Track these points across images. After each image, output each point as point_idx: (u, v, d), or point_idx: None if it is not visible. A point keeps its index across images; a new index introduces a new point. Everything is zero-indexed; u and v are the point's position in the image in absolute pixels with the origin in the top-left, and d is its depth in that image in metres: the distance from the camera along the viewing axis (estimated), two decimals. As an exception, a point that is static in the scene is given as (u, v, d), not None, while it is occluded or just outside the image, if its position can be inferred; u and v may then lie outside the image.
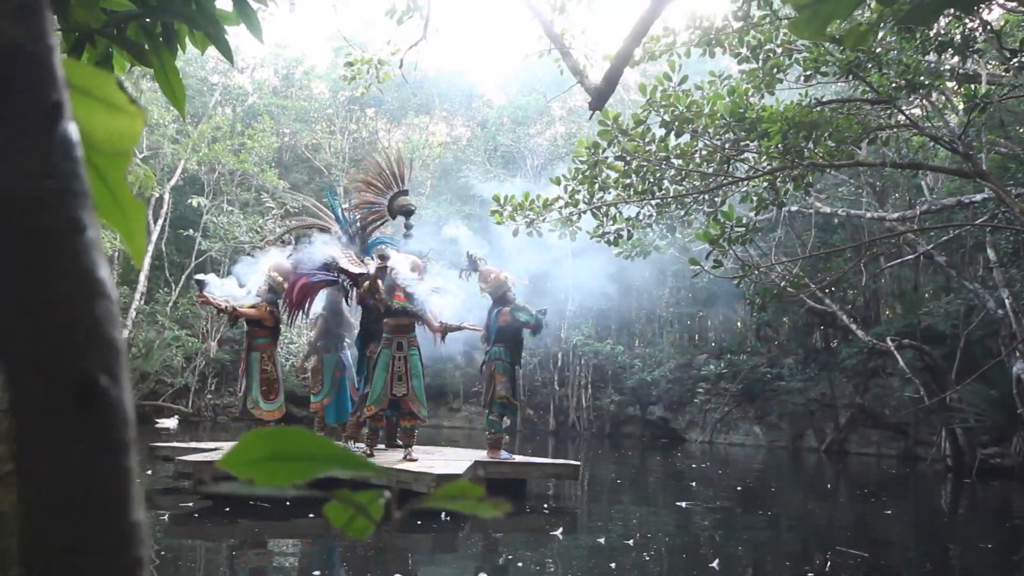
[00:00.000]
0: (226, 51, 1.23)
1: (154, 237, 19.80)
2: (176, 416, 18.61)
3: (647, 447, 17.62)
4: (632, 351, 21.28)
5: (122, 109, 0.32)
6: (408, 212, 8.30)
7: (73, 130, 0.25)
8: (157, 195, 19.59)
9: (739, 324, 21.29)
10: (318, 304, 9.28)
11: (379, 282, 7.23)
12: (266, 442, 0.34)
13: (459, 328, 7.69)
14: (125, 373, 0.24)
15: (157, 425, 17.08)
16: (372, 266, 7.46)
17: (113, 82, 0.32)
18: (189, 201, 20.10)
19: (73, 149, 0.25)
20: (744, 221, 6.26)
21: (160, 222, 20.05)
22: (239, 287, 8.48)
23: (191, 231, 20.04)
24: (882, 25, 5.41)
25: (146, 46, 1.15)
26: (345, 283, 8.49)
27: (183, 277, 20.60)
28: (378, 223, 8.77)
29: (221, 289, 8.31)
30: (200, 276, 8.46)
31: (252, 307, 8.14)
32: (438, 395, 20.80)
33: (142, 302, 19.38)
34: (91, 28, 1.07)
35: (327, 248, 8.34)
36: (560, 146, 22.41)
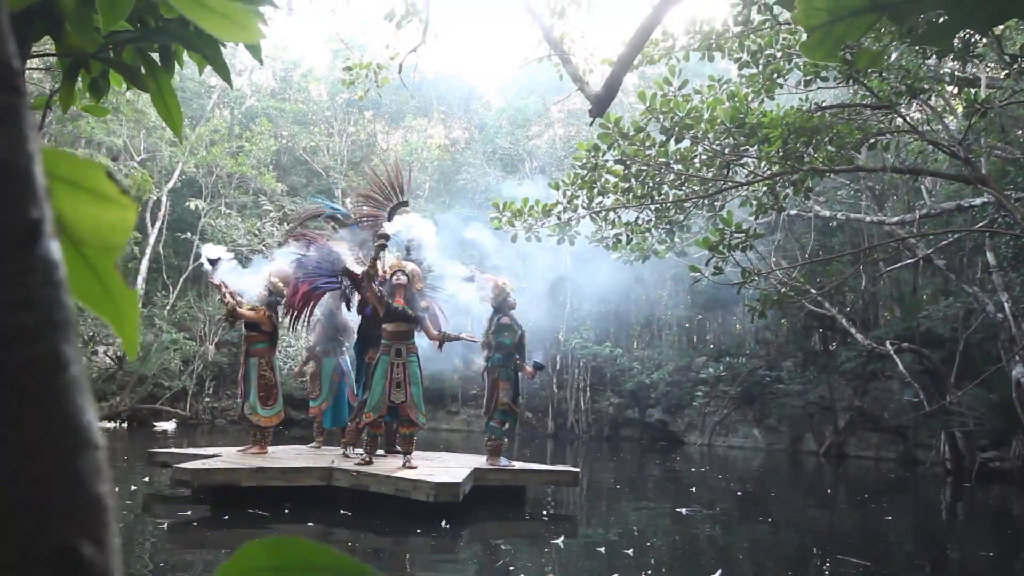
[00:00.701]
0: (224, 73, 1.20)
1: (152, 240, 19.76)
2: (174, 419, 18.57)
3: (646, 450, 17.59)
4: (631, 354, 21.27)
5: (112, 200, 0.29)
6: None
7: (55, 249, 0.23)
8: (155, 198, 19.56)
9: (738, 327, 21.27)
10: (318, 309, 9.23)
11: (378, 264, 7.14)
12: (267, 553, 0.32)
13: (458, 338, 7.65)
14: (113, 534, 0.22)
15: (155, 428, 17.04)
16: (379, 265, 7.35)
17: (102, 172, 0.29)
18: (187, 204, 20.06)
19: (55, 271, 0.22)
20: (744, 227, 6.23)
21: (158, 225, 20.01)
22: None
23: (189, 234, 19.99)
24: (894, 45, 5.40)
25: (142, 69, 1.12)
26: (347, 289, 8.43)
27: (181, 280, 20.56)
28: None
29: (231, 273, 8.21)
30: (212, 253, 8.19)
31: (251, 309, 8.10)
32: (436, 398, 20.78)
33: (139, 305, 19.33)
34: (86, 53, 1.05)
35: (337, 247, 8.22)
36: (559, 149, 22.40)
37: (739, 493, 9.72)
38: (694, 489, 10.02)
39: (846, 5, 1.23)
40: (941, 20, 1.28)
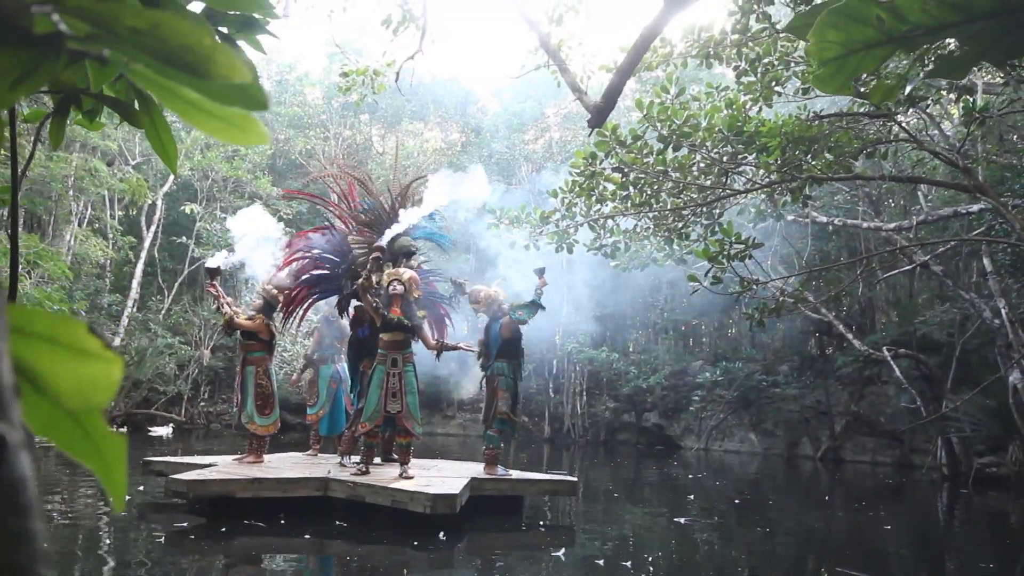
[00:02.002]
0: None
1: (147, 244, 19.67)
2: (170, 424, 18.48)
3: (643, 454, 17.56)
4: (627, 358, 21.23)
5: (95, 355, 0.26)
6: (409, 254, 7.92)
7: (24, 464, 0.19)
8: (150, 201, 19.48)
9: (734, 331, 21.26)
10: (316, 316, 9.17)
11: (373, 278, 7.09)
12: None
13: (455, 347, 7.60)
14: None
15: (150, 433, 16.95)
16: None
17: (83, 328, 0.26)
18: (182, 208, 19.99)
19: (22, 492, 0.19)
20: (744, 236, 6.20)
21: (153, 228, 19.93)
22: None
23: (184, 238, 19.91)
24: (910, 78, 5.38)
25: (135, 104, 1.09)
26: (347, 296, 8.33)
27: (176, 284, 20.47)
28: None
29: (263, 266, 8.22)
30: (212, 262, 8.15)
31: (248, 319, 8.06)
32: (432, 403, 20.72)
33: (135, 309, 19.25)
34: (77, 89, 1.01)
35: (355, 243, 8.10)
36: (555, 152, 22.38)
37: (736, 501, 9.69)
38: (692, 496, 9.98)
39: (859, 38, 1.20)
40: (957, 53, 1.25)
